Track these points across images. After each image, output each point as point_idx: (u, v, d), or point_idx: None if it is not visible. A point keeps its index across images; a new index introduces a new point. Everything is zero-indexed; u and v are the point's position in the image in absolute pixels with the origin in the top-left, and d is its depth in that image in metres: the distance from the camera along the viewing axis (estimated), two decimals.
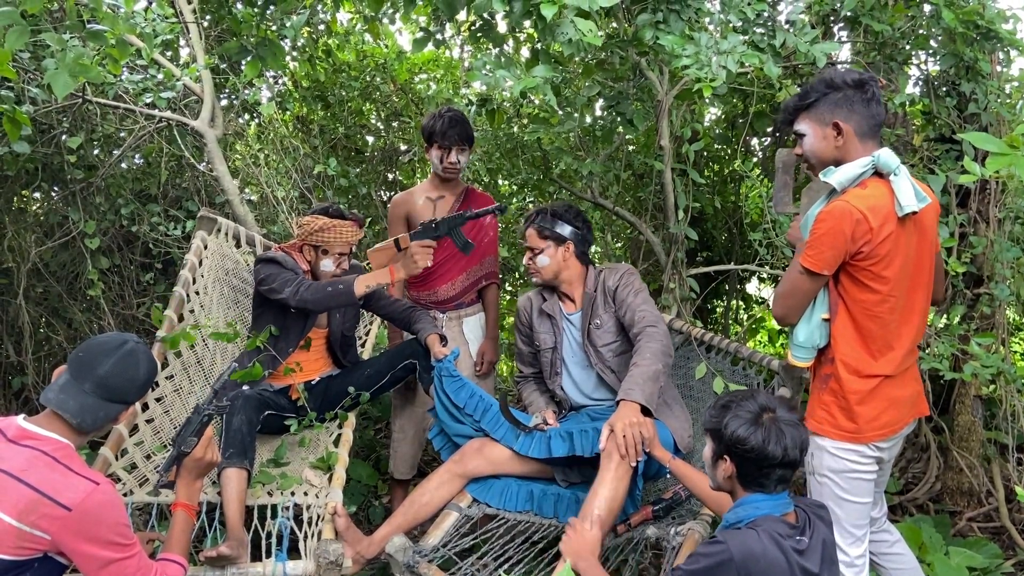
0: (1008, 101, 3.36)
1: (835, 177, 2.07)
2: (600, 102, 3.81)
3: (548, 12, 2.25)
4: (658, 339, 2.70)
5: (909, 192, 2.05)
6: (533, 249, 3.00)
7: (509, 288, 5.63)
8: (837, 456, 2.16)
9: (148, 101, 4.02)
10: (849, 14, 3.14)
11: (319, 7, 4.58)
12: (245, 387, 2.85)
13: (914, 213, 2.04)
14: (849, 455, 2.16)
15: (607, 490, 2.40)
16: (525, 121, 4.91)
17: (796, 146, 2.23)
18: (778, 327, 5.76)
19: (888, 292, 2.09)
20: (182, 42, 4.54)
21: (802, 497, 2.00)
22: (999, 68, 3.41)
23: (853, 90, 2.10)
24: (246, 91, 4.62)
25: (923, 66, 3.56)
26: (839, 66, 3.49)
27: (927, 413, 2.33)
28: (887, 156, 2.06)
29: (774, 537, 1.78)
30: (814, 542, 1.83)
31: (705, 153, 4.69)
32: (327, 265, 3.05)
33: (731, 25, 2.68)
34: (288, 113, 5.10)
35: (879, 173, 2.09)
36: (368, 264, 3.13)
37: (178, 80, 4.04)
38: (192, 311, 3.18)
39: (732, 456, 1.87)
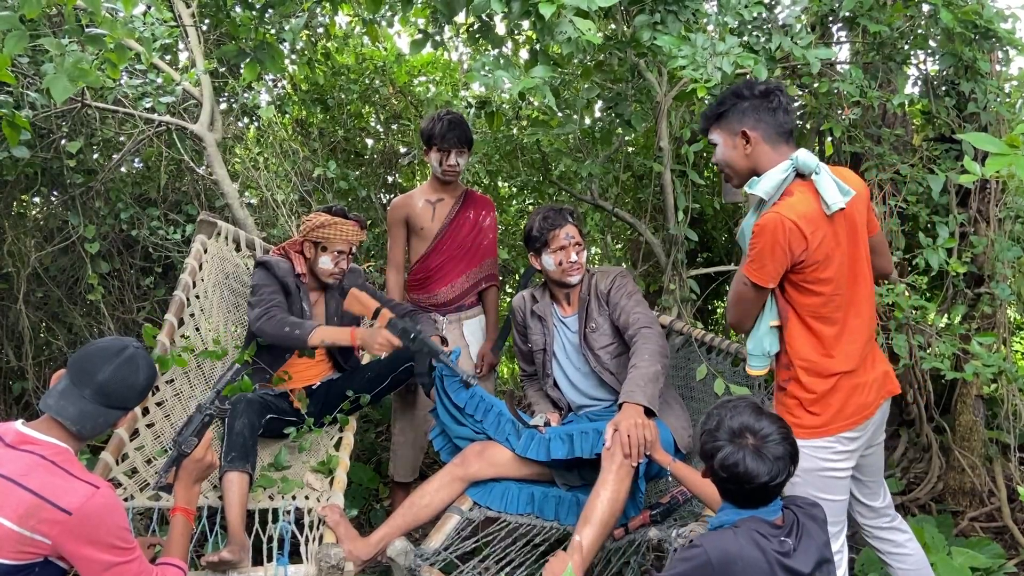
0: (1008, 100, 3.36)
1: (760, 187, 2.11)
2: (599, 104, 3.81)
3: (547, 11, 2.25)
4: (654, 340, 2.71)
5: (833, 189, 2.08)
6: (580, 244, 2.96)
7: (509, 290, 5.62)
8: (807, 455, 2.15)
9: (147, 105, 4.02)
10: (847, 14, 3.13)
11: (317, 10, 4.58)
12: None
13: (841, 209, 2.07)
14: (819, 452, 2.17)
15: (609, 491, 2.41)
16: (524, 123, 4.91)
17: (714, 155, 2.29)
18: None
19: (831, 292, 2.12)
20: (181, 46, 4.54)
21: (795, 496, 1.99)
22: (998, 67, 3.41)
23: (759, 99, 2.15)
24: (245, 94, 4.62)
25: (922, 66, 3.56)
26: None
27: (898, 391, 2.34)
28: (805, 156, 2.09)
29: (753, 537, 1.75)
30: (804, 544, 1.80)
31: (705, 154, 4.68)
32: (325, 262, 3.06)
33: (728, 27, 2.69)
34: (287, 116, 5.11)
35: (801, 175, 2.11)
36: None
37: (178, 84, 4.04)
38: (192, 315, 3.18)
39: (710, 468, 1.87)
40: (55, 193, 4.46)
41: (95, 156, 4.40)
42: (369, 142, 5.61)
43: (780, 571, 1.74)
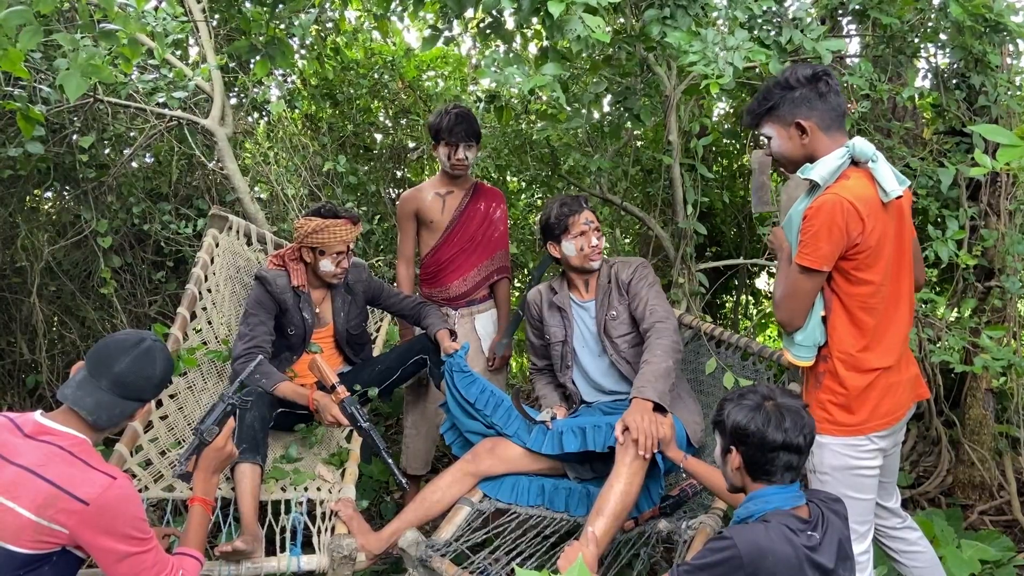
0: (1019, 94, 3.34)
1: (816, 172, 2.07)
2: (608, 98, 3.81)
3: (555, 9, 2.25)
4: (668, 335, 2.72)
5: (891, 177, 2.06)
6: (598, 229, 2.97)
7: (518, 284, 5.63)
8: (838, 453, 2.15)
9: (160, 101, 4.04)
10: (857, 7, 3.13)
11: (327, 5, 4.59)
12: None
13: (898, 197, 2.06)
14: (849, 451, 2.16)
15: (622, 483, 2.42)
16: (533, 118, 4.92)
17: (766, 148, 2.25)
18: None
19: (880, 282, 2.10)
20: (191, 41, 4.56)
21: (816, 491, 1.99)
22: (1009, 61, 3.40)
23: (808, 87, 2.11)
24: (255, 90, 4.64)
25: (932, 59, 3.55)
26: (853, 60, 3.48)
27: (928, 396, 2.34)
28: (862, 144, 2.07)
29: (784, 532, 1.75)
30: (828, 538, 1.81)
31: (714, 148, 4.68)
32: (326, 265, 3.05)
33: (738, 21, 2.68)
34: (297, 111, 5.13)
35: (855, 162, 2.09)
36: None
37: (190, 80, 4.06)
38: (204, 308, 3.21)
39: (737, 446, 1.88)
40: (68, 188, 4.49)
41: (107, 151, 4.43)
42: (378, 137, 5.62)
43: (808, 566, 1.74)
